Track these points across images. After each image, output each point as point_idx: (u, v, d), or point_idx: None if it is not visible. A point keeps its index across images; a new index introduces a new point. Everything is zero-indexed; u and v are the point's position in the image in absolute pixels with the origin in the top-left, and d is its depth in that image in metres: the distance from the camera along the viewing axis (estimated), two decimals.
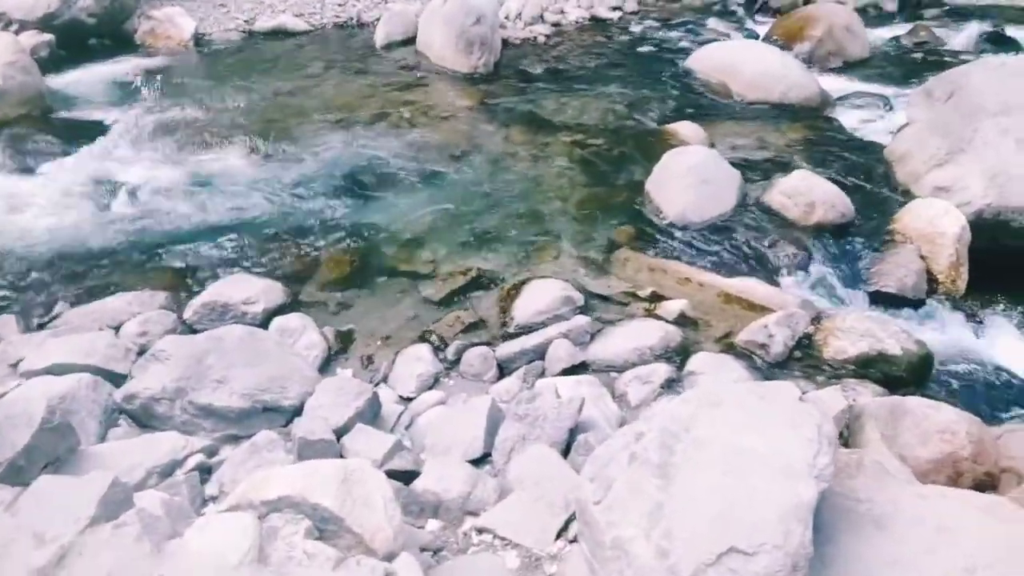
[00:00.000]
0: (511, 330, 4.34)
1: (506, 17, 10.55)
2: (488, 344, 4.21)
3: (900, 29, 10.81)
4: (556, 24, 10.71)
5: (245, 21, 10.48)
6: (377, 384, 3.88)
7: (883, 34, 10.57)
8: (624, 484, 2.09)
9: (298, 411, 3.43)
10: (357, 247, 5.29)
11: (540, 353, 4.04)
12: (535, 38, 10.13)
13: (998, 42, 10.35)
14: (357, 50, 9.64)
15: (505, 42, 9.73)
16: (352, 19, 10.74)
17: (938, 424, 3.09)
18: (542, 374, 3.92)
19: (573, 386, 3.58)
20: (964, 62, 7.06)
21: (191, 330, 4.19)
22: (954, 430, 3.06)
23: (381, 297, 4.78)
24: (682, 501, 2.02)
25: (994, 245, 4.93)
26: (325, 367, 4.07)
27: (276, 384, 3.44)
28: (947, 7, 11.88)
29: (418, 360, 4.04)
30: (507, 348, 4.10)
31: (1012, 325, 4.62)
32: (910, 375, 3.93)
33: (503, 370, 4.03)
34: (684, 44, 9.86)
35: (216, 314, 4.29)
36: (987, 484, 3.05)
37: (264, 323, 4.29)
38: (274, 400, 3.41)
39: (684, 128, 6.85)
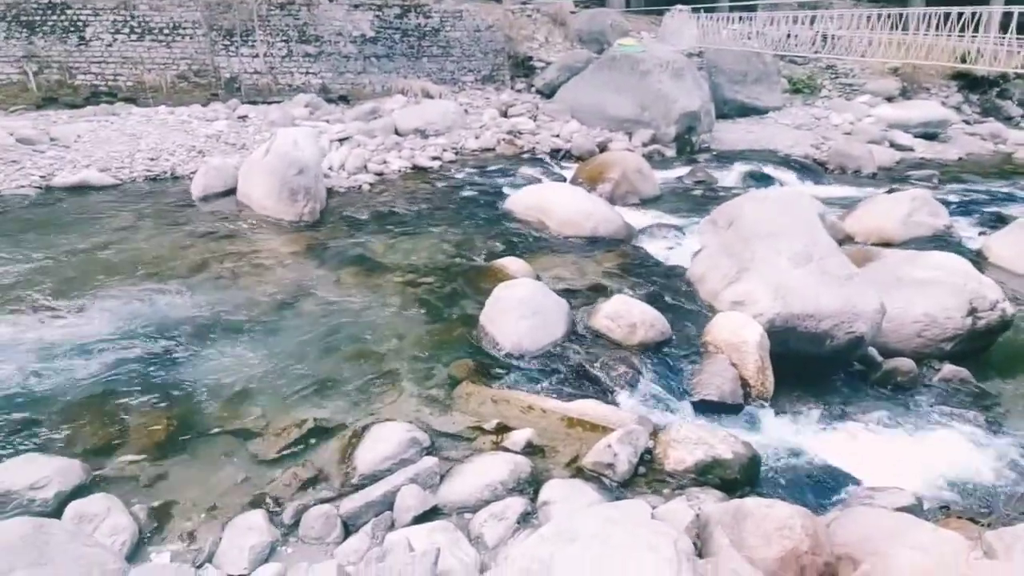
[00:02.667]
0: (355, 481, 4.04)
1: (330, 168, 10.78)
2: (330, 501, 3.88)
3: (681, 171, 12.52)
4: (380, 173, 11.11)
5: (41, 176, 9.75)
6: (201, 565, 3.38)
7: (668, 175, 12.15)
8: None
9: None
10: (173, 409, 4.78)
11: (388, 503, 3.78)
12: (360, 186, 10.39)
13: (759, 178, 12.31)
14: (172, 203, 9.26)
15: (330, 191, 9.88)
16: (166, 172, 10.39)
17: (776, 522, 3.25)
18: (392, 526, 3.65)
19: (426, 535, 3.36)
20: (736, 195, 8.22)
21: None
22: (790, 525, 3.23)
23: (204, 462, 4.29)
24: None
25: (787, 349, 5.55)
26: (136, 554, 3.50)
27: None
28: (715, 152, 14.01)
29: (250, 530, 3.60)
30: (351, 503, 3.80)
31: (816, 419, 5.13)
32: (743, 476, 4.16)
33: (349, 528, 3.70)
34: (501, 188, 10.61)
35: None
36: (827, 574, 3.21)
37: (58, 510, 3.64)
38: None
39: (511, 263, 7.19)
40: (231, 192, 9.28)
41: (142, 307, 6.25)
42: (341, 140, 11.86)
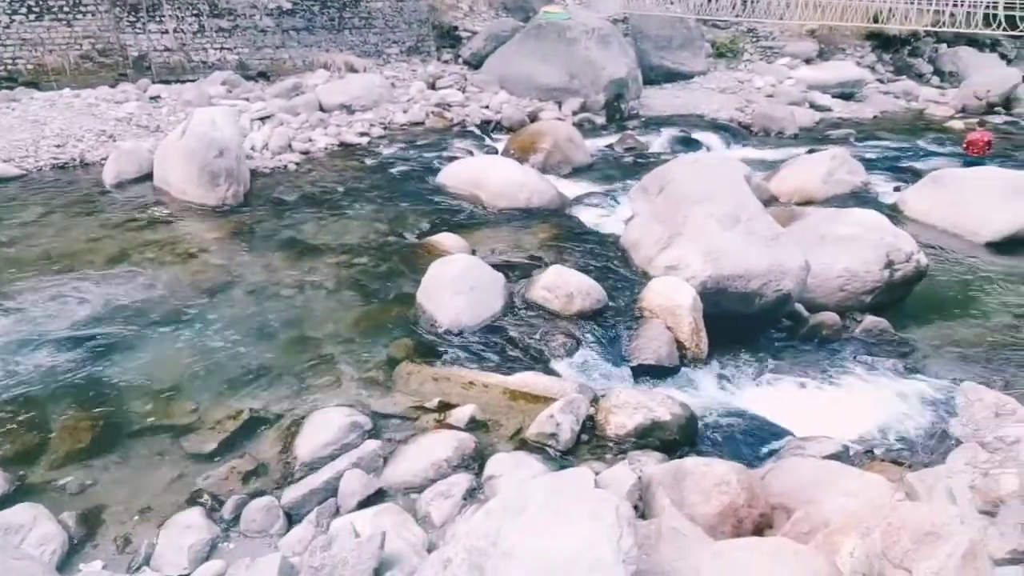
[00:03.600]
0: (296, 471, 3.96)
1: (252, 148, 10.35)
2: (271, 492, 3.79)
3: (611, 138, 12.59)
4: (306, 152, 10.75)
5: None
6: (138, 569, 3.26)
7: (599, 143, 12.21)
8: None
9: None
10: (98, 409, 4.56)
11: (332, 490, 3.73)
12: (285, 166, 10.03)
13: (687, 143, 12.52)
14: (83, 192, 8.72)
15: (254, 172, 9.49)
16: (75, 159, 9.77)
17: (714, 479, 3.36)
18: (337, 512, 3.60)
19: (372, 519, 3.33)
20: (665, 161, 8.34)
21: None
22: (727, 481, 3.34)
23: (135, 462, 4.12)
24: None
25: (719, 309, 5.70)
26: (67, 563, 3.34)
27: None
28: (643, 118, 14.14)
29: (188, 528, 3.48)
30: (293, 492, 3.72)
31: (749, 375, 5.31)
32: (682, 437, 4.28)
33: (292, 518, 3.63)
34: (432, 162, 10.44)
35: None
36: (764, 524, 3.34)
37: None
38: None
39: (445, 239, 7.12)
40: (147, 177, 8.83)
41: (57, 305, 5.91)
42: (263, 119, 11.41)
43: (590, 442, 4.29)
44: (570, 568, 2.09)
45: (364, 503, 3.63)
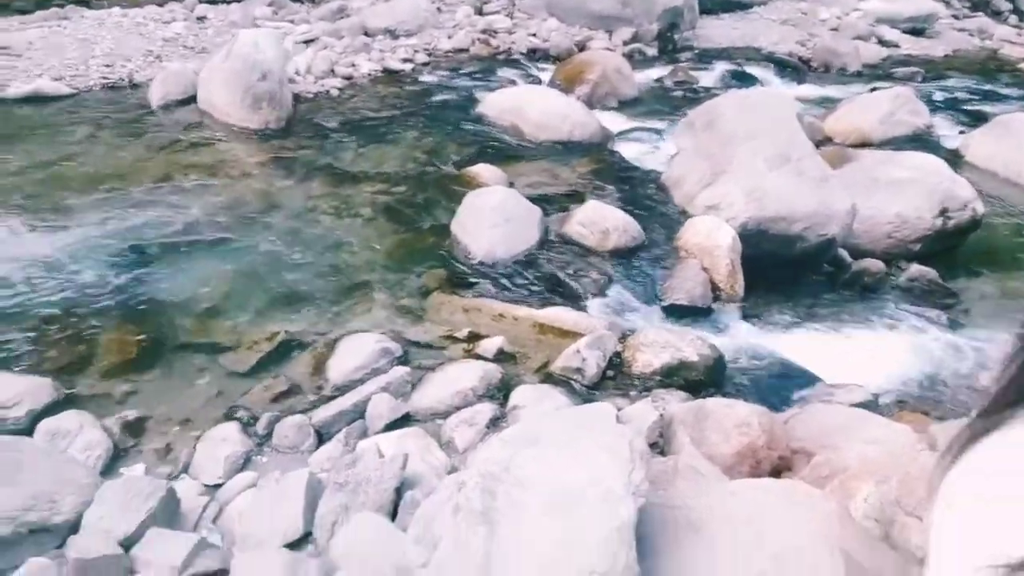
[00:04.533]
0: (327, 393, 4.10)
1: (296, 72, 10.29)
2: (303, 412, 3.93)
3: (662, 71, 12.10)
4: (348, 77, 10.64)
5: None
6: (177, 476, 3.46)
7: (649, 75, 11.75)
8: (450, 540, 2.00)
9: (74, 527, 2.93)
10: (143, 324, 4.75)
11: (360, 412, 3.85)
12: (328, 92, 9.97)
13: (741, 78, 11.98)
14: (131, 112, 8.85)
15: (297, 97, 9.47)
16: (123, 80, 9.88)
17: (735, 419, 3.35)
18: (365, 434, 3.73)
19: (396, 441, 3.44)
20: (715, 95, 8.01)
21: None
22: (749, 422, 3.33)
23: (176, 377, 4.31)
24: (510, 547, 1.96)
25: (759, 251, 5.57)
26: (111, 468, 3.55)
27: (43, 500, 2.92)
28: (697, 51, 13.52)
29: (224, 441, 3.66)
30: (324, 412, 3.86)
31: (783, 321, 5.21)
32: (708, 378, 4.26)
33: (322, 437, 3.78)
34: (475, 91, 10.24)
35: None
36: (782, 467, 3.34)
37: (30, 428, 3.67)
38: (42, 519, 2.89)
39: (483, 170, 7.05)
40: (192, 100, 8.88)
41: (106, 222, 6.10)
42: (307, 42, 11.29)
43: (616, 379, 4.31)
44: (580, 497, 2.13)
45: (391, 426, 3.75)
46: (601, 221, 5.75)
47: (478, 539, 1.99)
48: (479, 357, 4.37)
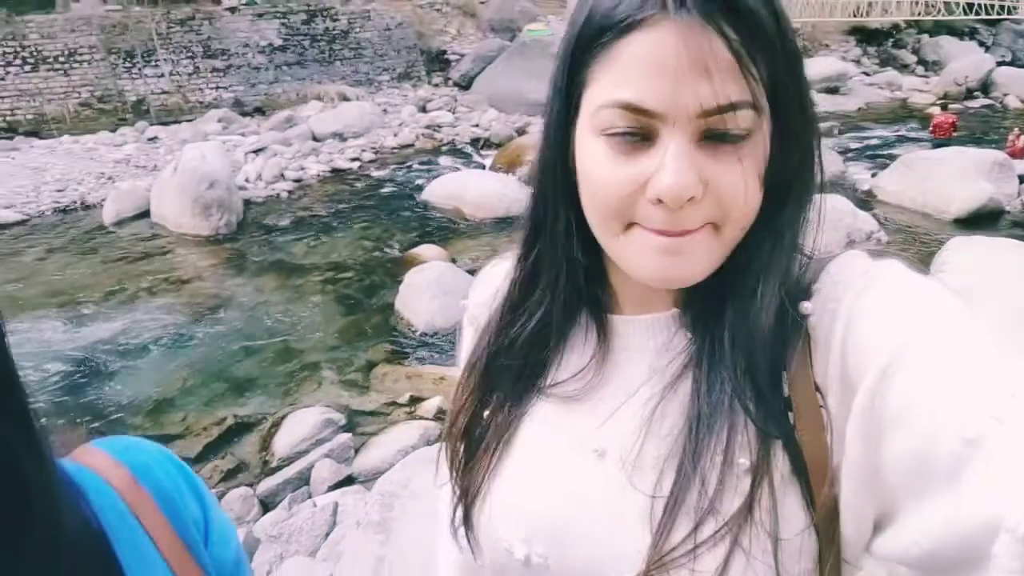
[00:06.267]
0: (273, 465, 4.24)
1: (246, 179, 10.76)
2: (249, 484, 4.06)
3: None
4: (298, 180, 11.14)
5: None
6: None
7: None
8: (351, 551, 2.16)
9: None
10: (96, 423, 4.88)
11: (304, 479, 3.99)
12: (278, 194, 10.42)
13: None
14: (84, 232, 9.16)
15: (248, 202, 9.88)
16: (75, 203, 10.23)
17: None
18: (308, 498, 3.85)
19: (334, 497, 3.58)
20: None
21: None
22: None
23: None
24: (400, 549, 2.14)
25: None
26: None
27: None
28: None
29: None
30: (269, 482, 3.99)
31: None
32: None
33: (267, 506, 3.89)
34: (419, 181, 10.78)
35: None
36: None
37: None
38: None
39: (425, 250, 7.42)
40: (144, 215, 9.23)
41: (57, 335, 6.27)
42: (257, 151, 11.85)
43: None
44: None
45: (333, 488, 3.89)
46: None
47: (374, 546, 2.16)
48: (420, 418, 4.56)
